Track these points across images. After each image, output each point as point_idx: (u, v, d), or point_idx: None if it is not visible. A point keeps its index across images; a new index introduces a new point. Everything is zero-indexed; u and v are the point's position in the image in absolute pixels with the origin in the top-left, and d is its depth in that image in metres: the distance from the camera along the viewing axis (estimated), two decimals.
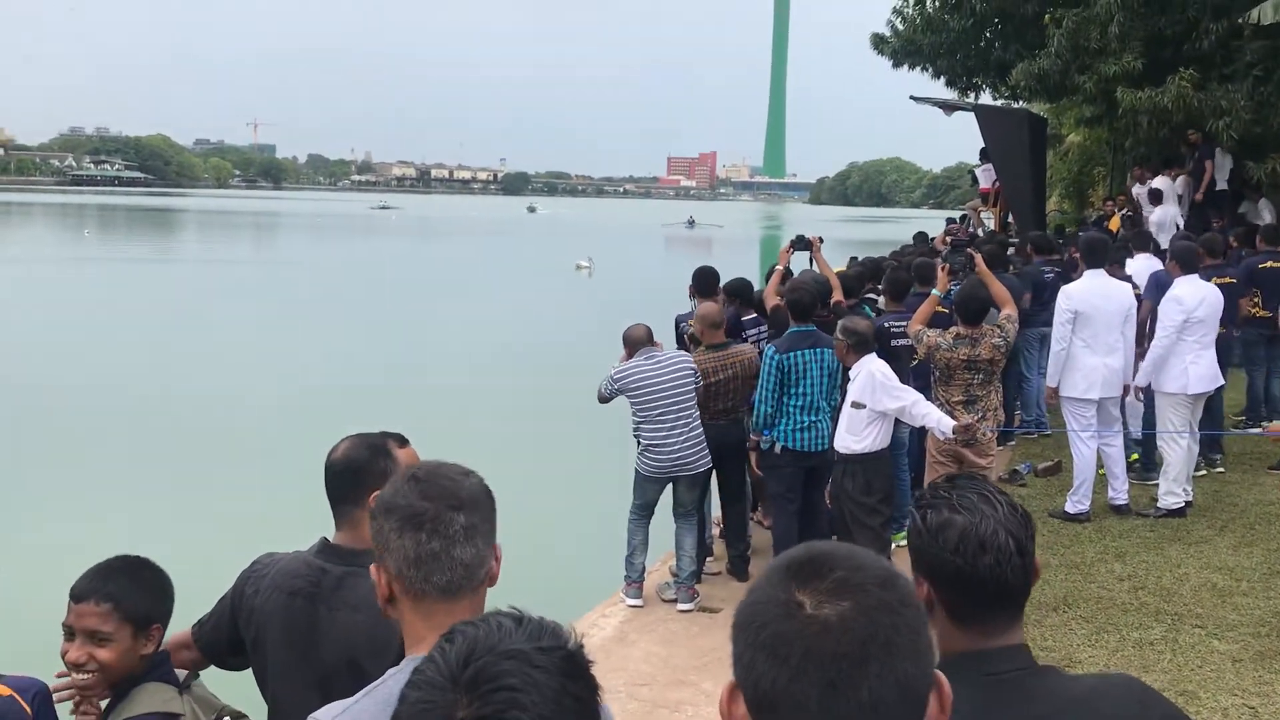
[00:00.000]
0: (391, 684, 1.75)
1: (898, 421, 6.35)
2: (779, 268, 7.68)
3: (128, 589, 2.37)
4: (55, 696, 2.43)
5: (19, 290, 29.73)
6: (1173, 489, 7.53)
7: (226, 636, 2.48)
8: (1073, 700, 1.67)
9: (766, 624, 1.04)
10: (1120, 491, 7.68)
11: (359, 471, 2.38)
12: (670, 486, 6.58)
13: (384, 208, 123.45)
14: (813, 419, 6.47)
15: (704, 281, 7.68)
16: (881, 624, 1.02)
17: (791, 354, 6.45)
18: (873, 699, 1.00)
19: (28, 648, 2.39)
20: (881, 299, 8.27)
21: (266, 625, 2.40)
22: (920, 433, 7.03)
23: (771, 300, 7.32)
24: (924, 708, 1.05)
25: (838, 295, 7.66)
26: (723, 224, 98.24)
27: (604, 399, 6.61)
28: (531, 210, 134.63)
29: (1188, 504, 7.56)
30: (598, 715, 1.18)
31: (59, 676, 2.47)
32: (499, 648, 1.13)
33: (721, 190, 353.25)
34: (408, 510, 1.74)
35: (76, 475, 11.20)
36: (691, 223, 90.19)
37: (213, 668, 2.64)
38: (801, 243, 8.06)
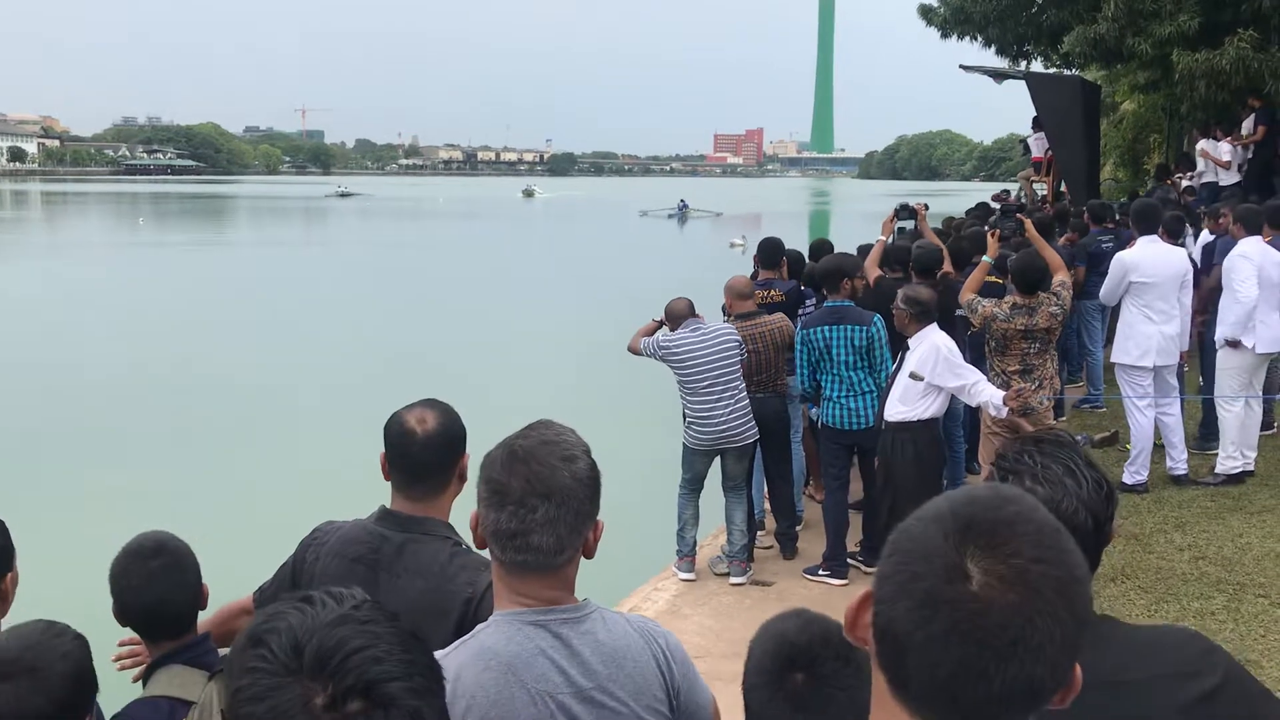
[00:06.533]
0: (483, 637, 1.80)
1: None
2: (881, 238, 7.55)
3: None
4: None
5: (74, 278, 30.32)
6: (1231, 454, 7.41)
7: None
8: (1139, 647, 1.65)
9: (922, 575, 0.98)
10: (1179, 461, 7.56)
11: (456, 440, 2.40)
12: (719, 459, 6.53)
13: (344, 194, 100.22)
14: (845, 395, 6.40)
15: (768, 253, 7.51)
16: (1039, 629, 0.96)
17: (813, 330, 6.42)
18: (1001, 693, 0.96)
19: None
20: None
21: None
22: None
23: (874, 273, 7.23)
24: (1048, 701, 1.00)
25: (946, 266, 7.43)
26: (720, 210, 66.65)
27: (635, 352, 6.54)
28: (529, 194, 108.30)
29: (1247, 471, 7.43)
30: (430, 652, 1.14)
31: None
32: (322, 622, 1.07)
33: (769, 167, 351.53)
34: (497, 485, 1.78)
35: (129, 452, 11.42)
36: (683, 206, 63.73)
37: None
38: (906, 211, 7.79)
